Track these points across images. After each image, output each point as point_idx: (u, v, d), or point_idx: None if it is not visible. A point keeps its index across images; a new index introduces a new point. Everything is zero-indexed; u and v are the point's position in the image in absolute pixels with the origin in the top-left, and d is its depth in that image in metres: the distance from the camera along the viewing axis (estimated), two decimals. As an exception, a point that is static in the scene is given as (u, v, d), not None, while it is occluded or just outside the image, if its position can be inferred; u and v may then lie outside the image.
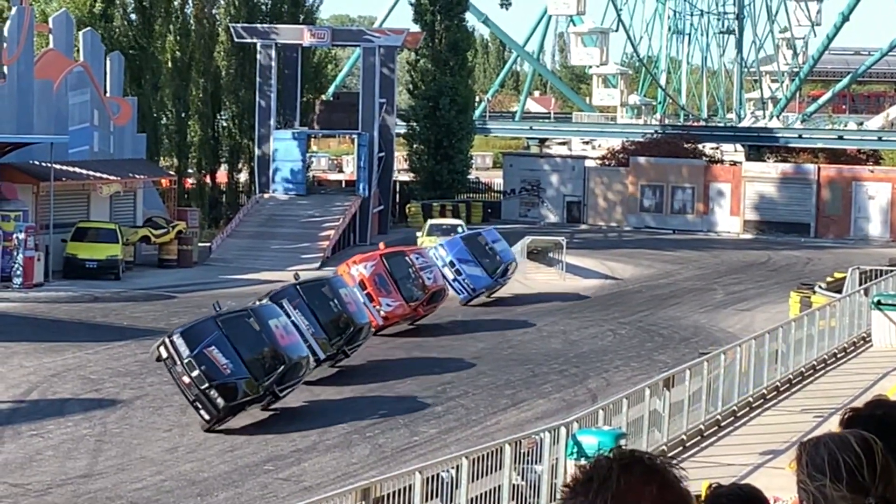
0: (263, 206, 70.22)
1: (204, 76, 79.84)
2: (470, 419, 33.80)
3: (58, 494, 27.01)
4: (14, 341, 40.87)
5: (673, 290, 56.98)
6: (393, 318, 42.24)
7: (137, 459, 29.28)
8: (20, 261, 52.96)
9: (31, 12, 62.83)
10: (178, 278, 56.74)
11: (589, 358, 42.00)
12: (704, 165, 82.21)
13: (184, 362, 30.37)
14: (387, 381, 37.60)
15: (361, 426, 32.95)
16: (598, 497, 2.60)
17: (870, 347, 40.36)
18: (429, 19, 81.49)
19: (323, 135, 78.72)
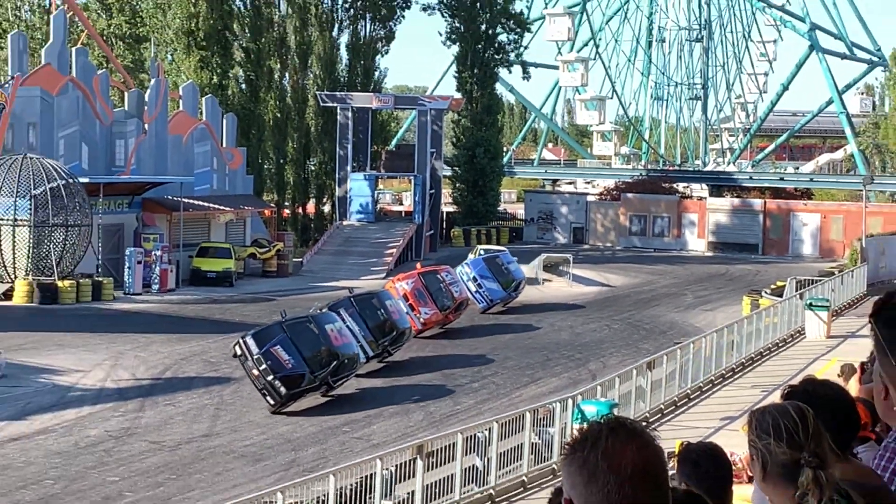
0: (342, 231, 70.31)
1: (297, 131, 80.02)
2: (499, 393, 33.82)
3: (186, 449, 27.09)
4: (153, 333, 41.03)
5: (653, 294, 56.87)
6: (430, 324, 41.38)
7: (246, 423, 29.35)
8: (157, 272, 53.18)
9: (166, 83, 63.14)
10: (277, 285, 56.88)
11: (589, 346, 41.96)
12: (678, 200, 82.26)
13: (254, 358, 29.82)
14: (432, 368, 37.52)
15: (416, 399, 33.02)
16: (592, 453, 2.56)
17: (803, 339, 40.33)
18: (468, 88, 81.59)
19: (387, 176, 78.79)
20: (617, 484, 2.54)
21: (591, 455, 2.58)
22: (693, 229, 79.95)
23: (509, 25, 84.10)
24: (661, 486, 2.61)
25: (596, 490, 2.56)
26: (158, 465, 25.73)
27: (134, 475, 24.89)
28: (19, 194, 48.51)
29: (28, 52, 55.77)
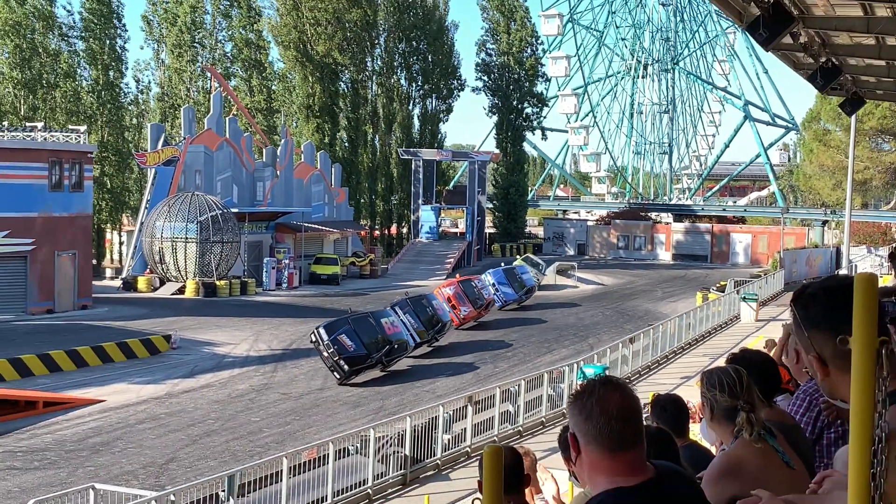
0: (415, 246, 70.48)
1: (384, 176, 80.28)
2: (525, 359, 33.75)
3: (306, 399, 27.20)
4: (283, 317, 41.33)
5: (634, 290, 56.55)
6: (467, 319, 39.69)
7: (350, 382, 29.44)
8: (286, 274, 53.50)
9: (292, 142, 63.51)
10: (370, 284, 57.01)
11: (589, 327, 41.78)
12: (651, 224, 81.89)
13: (324, 343, 28.63)
14: (478, 347, 37.53)
15: (467, 365, 33.06)
16: (589, 400, 2.59)
17: (739, 322, 40.06)
18: (504, 146, 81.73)
19: (447, 207, 78.77)
20: (606, 421, 2.55)
21: (588, 401, 2.60)
22: (661, 245, 79.65)
23: (533, 102, 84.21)
24: (637, 423, 2.62)
25: (591, 426, 2.57)
26: (287, 410, 25.91)
27: (270, 417, 25.09)
28: (189, 220, 48.98)
29: (195, 121, 56.35)
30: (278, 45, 74.14)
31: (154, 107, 72.05)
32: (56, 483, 18.20)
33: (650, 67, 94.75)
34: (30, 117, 60.16)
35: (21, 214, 39.68)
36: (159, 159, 52.53)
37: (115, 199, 66.56)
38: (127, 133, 69.36)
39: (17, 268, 39.96)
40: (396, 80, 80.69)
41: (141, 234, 51.53)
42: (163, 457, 20.92)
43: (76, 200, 42.20)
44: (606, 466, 2.58)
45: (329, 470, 16.90)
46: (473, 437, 21.09)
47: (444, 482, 19.01)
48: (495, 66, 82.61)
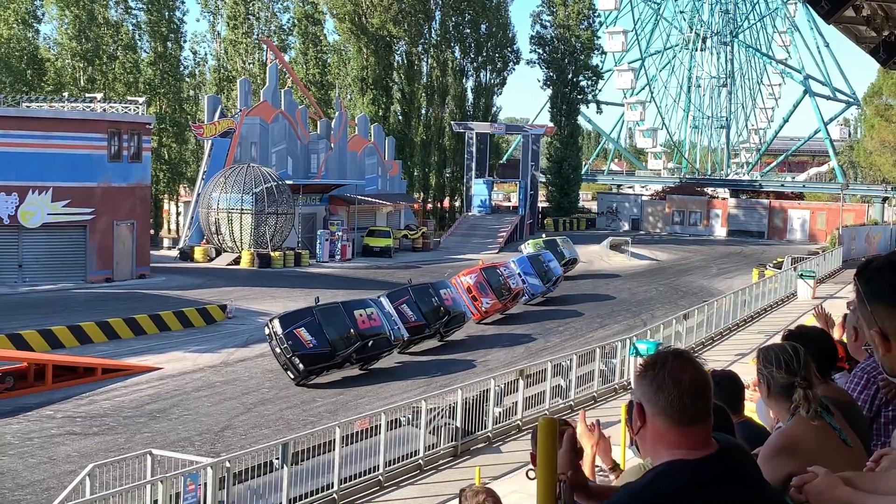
0: (468, 220, 70.43)
1: (437, 149, 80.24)
2: (577, 334, 33.66)
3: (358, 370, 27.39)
4: (336, 289, 41.49)
5: (688, 266, 56.04)
6: (490, 311, 35.42)
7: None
8: (339, 246, 53.81)
9: (346, 115, 63.75)
10: (423, 257, 57.13)
11: (642, 302, 41.53)
12: (707, 199, 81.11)
13: (277, 337, 24.84)
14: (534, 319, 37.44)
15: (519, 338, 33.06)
16: (660, 372, 2.60)
17: (795, 299, 39.45)
18: (558, 119, 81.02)
19: (500, 181, 78.66)
20: (677, 394, 2.57)
21: (660, 373, 2.60)
22: (717, 220, 78.80)
23: (588, 75, 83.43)
24: (707, 398, 2.63)
25: (662, 398, 2.58)
26: (339, 380, 26.06)
27: (322, 387, 25.30)
28: (245, 192, 49.38)
29: (251, 93, 56.70)
30: (333, 17, 74.25)
31: (210, 79, 72.66)
32: (114, 448, 18.57)
33: (709, 40, 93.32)
34: (88, 88, 61.01)
35: (81, 184, 40.31)
36: (216, 131, 53.00)
37: (172, 170, 67.46)
38: (184, 105, 70.08)
39: (78, 237, 40.66)
40: (451, 52, 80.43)
41: (197, 204, 52.11)
42: (218, 424, 21.23)
43: (135, 171, 42.74)
44: (672, 439, 2.59)
45: (381, 440, 17.04)
46: (524, 410, 21.12)
47: (495, 454, 19.08)
48: (550, 39, 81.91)
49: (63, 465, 17.88)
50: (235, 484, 14.31)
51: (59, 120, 40.60)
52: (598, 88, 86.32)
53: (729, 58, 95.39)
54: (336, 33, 76.81)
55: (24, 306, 34.01)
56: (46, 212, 39.42)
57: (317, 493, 15.79)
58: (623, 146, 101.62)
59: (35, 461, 18.24)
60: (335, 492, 16.04)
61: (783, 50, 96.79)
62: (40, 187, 39.20)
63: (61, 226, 40.05)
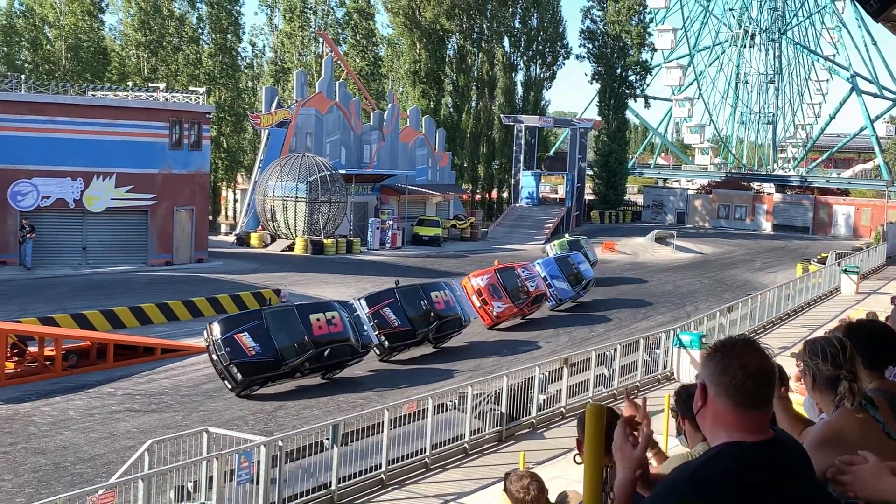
0: (515, 211, 70.31)
1: (486, 141, 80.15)
2: (622, 325, 33.47)
3: (408, 354, 27.41)
4: (386, 276, 41.55)
5: (733, 260, 55.50)
6: (503, 317, 31.71)
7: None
8: (390, 235, 54.00)
9: (398, 107, 63.84)
10: (471, 246, 57.19)
11: (686, 295, 41.20)
12: (753, 194, 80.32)
13: (214, 343, 21.67)
14: (581, 310, 37.21)
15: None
16: (728, 355, 2.64)
17: (839, 294, 38.87)
18: (606, 114, 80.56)
19: (547, 174, 78.30)
20: (742, 377, 2.60)
21: (728, 356, 2.64)
22: (763, 215, 78.00)
23: (636, 70, 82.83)
24: (771, 385, 2.66)
25: (726, 379, 2.61)
26: (388, 364, 26.13)
27: (372, 370, 25.31)
28: (299, 180, 49.71)
29: (307, 84, 57.00)
30: (387, 11, 74.38)
31: (267, 70, 73.14)
32: (171, 425, 18.83)
33: (757, 37, 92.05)
34: (151, 78, 61.72)
35: (143, 171, 40.85)
36: (272, 121, 53.38)
37: (230, 158, 68.10)
38: (243, 95, 70.68)
39: (139, 222, 41.23)
40: (501, 46, 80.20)
41: (254, 192, 52.56)
42: (271, 404, 21.43)
43: (195, 159, 43.19)
44: (732, 421, 2.62)
45: (428, 423, 17.10)
46: (568, 398, 21.06)
47: (539, 440, 19.06)
48: (600, 34, 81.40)
49: (123, 441, 18.16)
50: (287, 462, 14.45)
51: (123, 108, 41.15)
52: (646, 83, 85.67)
53: (777, 54, 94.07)
54: (390, 27, 77.01)
55: (88, 287, 34.58)
56: (110, 197, 40.01)
57: (365, 473, 15.89)
58: (670, 140, 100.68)
59: (96, 436, 18.55)
60: (383, 472, 16.13)
61: (831, 46, 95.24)
62: (104, 173, 39.78)
63: (124, 210, 40.61)
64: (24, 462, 16.84)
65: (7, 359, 22.69)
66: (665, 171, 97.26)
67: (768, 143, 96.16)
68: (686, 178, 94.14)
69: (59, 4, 63.07)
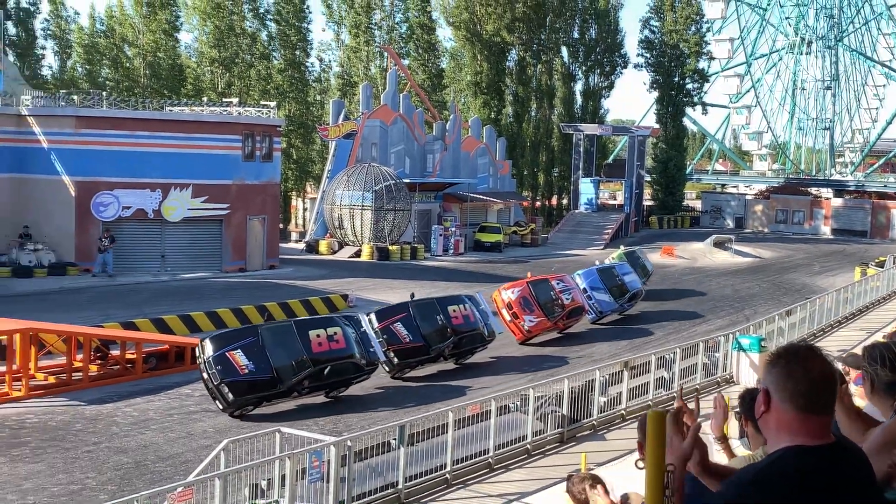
0: (575, 217, 69.93)
1: (546, 149, 79.97)
2: (680, 329, 33.10)
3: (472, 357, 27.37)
4: (449, 281, 41.73)
5: (791, 264, 54.58)
6: (535, 331, 29.50)
7: (509, 343, 29.13)
8: (452, 241, 54.08)
9: (460, 118, 63.94)
10: (531, 252, 57.01)
11: (745, 298, 40.64)
12: (811, 199, 78.89)
13: (206, 361, 20.09)
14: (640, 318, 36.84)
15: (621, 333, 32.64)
16: (791, 361, 2.64)
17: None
18: (664, 121, 79.94)
19: (606, 180, 77.78)
20: (805, 384, 2.60)
21: (791, 363, 2.64)
22: (821, 219, 76.60)
23: (694, 78, 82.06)
24: (833, 391, 2.66)
25: (791, 386, 2.61)
26: (453, 366, 26.05)
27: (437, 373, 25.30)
28: (365, 189, 50.03)
29: (373, 97, 57.40)
30: (449, 25, 74.62)
31: (335, 84, 73.80)
32: (246, 426, 19.07)
33: (814, 44, 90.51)
34: (225, 93, 62.69)
35: (218, 182, 41.48)
36: (340, 133, 53.87)
37: (300, 169, 68.88)
38: (311, 108, 71.43)
39: (215, 230, 41.87)
40: (560, 57, 79.98)
41: (322, 201, 53.05)
42: (340, 406, 21.60)
43: (266, 170, 43.75)
44: (795, 426, 2.62)
45: (491, 425, 17.10)
46: (628, 400, 20.92)
47: (600, 442, 18.95)
48: (658, 43, 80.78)
49: (200, 440, 18.45)
50: (356, 462, 14.55)
51: (198, 123, 41.84)
52: (703, 91, 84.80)
53: (833, 61, 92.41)
54: (452, 40, 77.25)
55: (166, 293, 35.21)
56: (187, 207, 40.69)
57: (431, 473, 15.94)
58: (727, 147, 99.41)
59: (175, 435, 18.87)
60: (448, 472, 16.16)
61: (887, 52, 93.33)
62: (181, 184, 40.48)
63: (200, 220, 41.27)
64: (107, 460, 17.20)
65: (91, 362, 23.20)
66: (723, 176, 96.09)
67: (825, 148, 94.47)
68: (744, 184, 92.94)
69: (137, 24, 64.40)
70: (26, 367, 21.81)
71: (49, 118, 39.57)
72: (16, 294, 33.36)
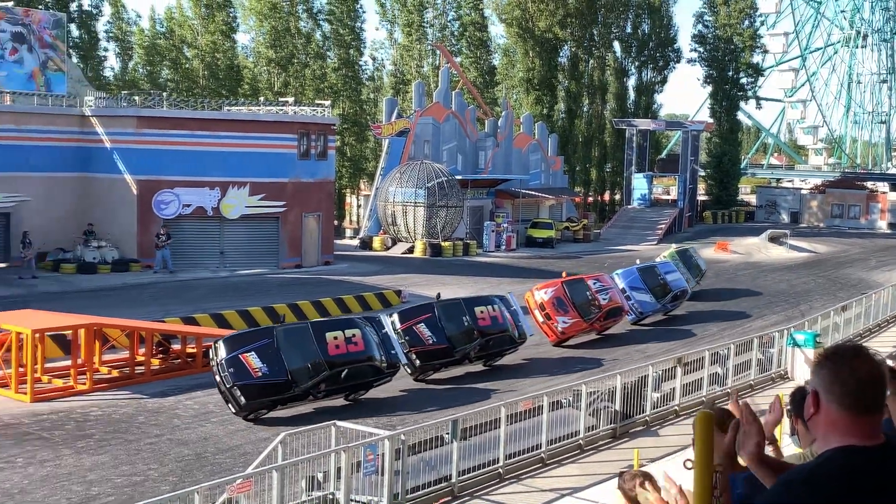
0: (627, 212, 69.44)
1: (598, 145, 79.52)
2: (734, 324, 32.69)
3: (524, 352, 27.00)
4: (501, 277, 41.64)
5: (847, 259, 53.62)
6: (570, 332, 28.08)
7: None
8: (504, 237, 54.03)
9: (512, 114, 63.81)
10: (584, 248, 56.77)
11: (800, 294, 40.03)
12: (867, 193, 77.43)
13: (218, 363, 19.36)
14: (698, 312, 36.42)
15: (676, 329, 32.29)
16: (839, 363, 2.62)
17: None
18: (718, 115, 79.18)
19: (659, 175, 77.07)
20: (854, 386, 2.58)
21: (840, 364, 2.62)
22: (877, 214, 75.19)
23: (749, 72, 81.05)
24: (882, 392, 2.64)
25: (839, 387, 2.60)
26: (505, 362, 25.61)
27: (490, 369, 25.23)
28: (418, 186, 50.18)
29: (425, 95, 57.49)
30: (501, 22, 74.49)
31: (387, 82, 74.10)
32: (303, 419, 19.27)
33: (869, 37, 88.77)
34: (281, 92, 63.29)
35: (275, 180, 41.89)
36: (393, 130, 54.07)
37: (354, 167, 69.30)
38: (364, 106, 71.80)
39: (271, 227, 42.31)
40: (613, 52, 79.43)
41: (376, 198, 53.32)
42: (394, 400, 21.71)
43: (321, 168, 44.08)
44: (844, 427, 2.61)
45: (543, 420, 17.08)
46: (682, 396, 20.75)
47: (653, 438, 18.84)
48: (711, 38, 79.86)
49: (258, 433, 18.67)
50: (410, 455, 14.64)
51: (255, 122, 42.30)
52: (758, 85, 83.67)
53: (889, 54, 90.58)
54: (504, 37, 77.09)
55: (225, 289, 35.66)
56: (244, 205, 41.17)
57: (484, 467, 15.98)
58: (783, 141, 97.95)
59: (234, 428, 19.12)
60: (500, 466, 16.18)
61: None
62: (239, 182, 40.97)
63: (257, 217, 41.74)
64: (168, 452, 17.49)
65: (153, 356, 23.60)
66: (778, 171, 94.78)
67: (882, 142, 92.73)
68: (799, 178, 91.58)
69: (196, 25, 65.26)
70: (90, 361, 22.27)
71: (111, 118, 40.29)
72: (80, 290, 34.03)
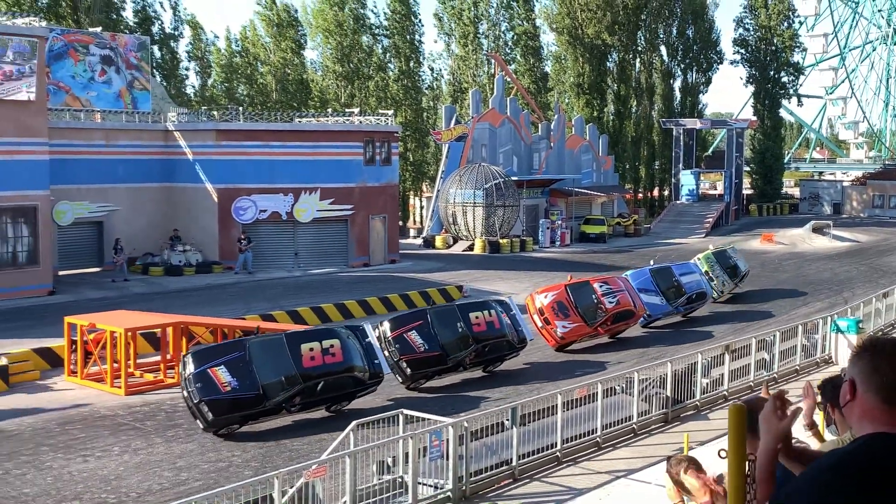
0: (676, 207, 68.65)
1: (646, 144, 78.71)
2: (780, 313, 32.13)
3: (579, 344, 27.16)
4: (556, 271, 41.36)
5: (889, 248, 52.35)
6: (570, 337, 25.77)
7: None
8: (559, 234, 53.82)
9: (564, 117, 63.47)
10: (634, 242, 56.27)
11: (843, 282, 39.21)
12: (909, 184, 75.83)
13: (185, 378, 17.71)
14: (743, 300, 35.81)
15: (723, 318, 31.81)
16: (877, 354, 2.58)
17: None
18: (761, 113, 77.90)
19: (706, 171, 76.07)
20: (892, 377, 2.55)
21: (877, 356, 2.58)
22: (920, 204, 73.47)
23: (789, 71, 79.57)
24: None
25: (877, 378, 2.56)
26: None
27: (546, 358, 25.20)
28: (477, 188, 50.22)
29: (482, 102, 57.47)
30: (552, 31, 74.13)
31: (446, 91, 74.18)
32: (373, 408, 19.43)
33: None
34: (348, 104, 63.79)
35: (343, 185, 42.28)
36: (452, 136, 54.15)
37: (416, 171, 69.54)
38: (425, 114, 72.01)
39: (341, 229, 42.71)
40: (659, 56, 78.55)
41: (437, 199, 53.49)
42: (456, 389, 21.78)
43: (386, 172, 44.35)
44: (879, 415, 2.58)
45: (598, 406, 17.02)
46: (730, 381, 20.49)
47: (703, 422, 18.63)
48: (752, 40, 78.63)
49: (333, 421, 18.87)
50: (472, 441, 14.70)
51: (324, 132, 42.72)
52: (798, 83, 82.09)
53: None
54: (555, 45, 76.65)
55: (299, 287, 36.10)
56: (316, 209, 41.63)
57: (542, 451, 15.98)
58: (824, 136, 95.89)
59: (310, 417, 19.35)
60: (558, 450, 16.16)
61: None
62: (310, 188, 41.44)
63: (327, 220, 42.17)
64: (250, 440, 17.78)
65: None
66: (820, 164, 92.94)
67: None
68: (841, 171, 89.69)
69: (268, 44, 66.06)
70: (178, 356, 22.71)
71: (193, 132, 41.08)
72: (168, 291, 34.74)
